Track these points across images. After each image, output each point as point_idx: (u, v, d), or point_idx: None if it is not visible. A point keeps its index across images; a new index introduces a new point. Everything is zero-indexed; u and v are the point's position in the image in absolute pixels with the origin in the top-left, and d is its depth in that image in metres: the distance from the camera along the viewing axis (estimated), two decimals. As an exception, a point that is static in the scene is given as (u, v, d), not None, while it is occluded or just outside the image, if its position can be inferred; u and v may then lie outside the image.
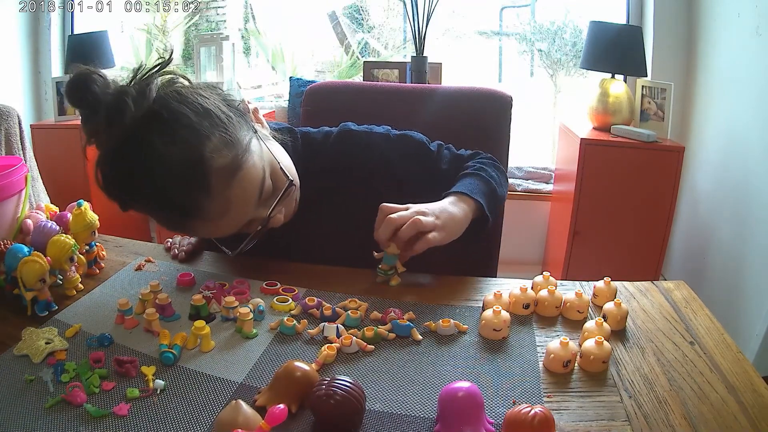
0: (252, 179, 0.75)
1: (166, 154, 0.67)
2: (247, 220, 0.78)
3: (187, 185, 0.69)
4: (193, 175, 0.68)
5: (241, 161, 0.73)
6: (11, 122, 1.90)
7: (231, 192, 0.72)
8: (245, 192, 0.74)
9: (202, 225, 0.74)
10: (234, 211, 0.74)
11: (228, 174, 0.71)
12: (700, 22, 2.22)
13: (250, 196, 0.75)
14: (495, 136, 1.23)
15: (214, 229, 0.76)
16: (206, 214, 0.72)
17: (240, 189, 0.73)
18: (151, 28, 3.17)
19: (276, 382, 0.58)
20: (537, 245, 2.63)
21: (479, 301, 0.79)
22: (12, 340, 0.67)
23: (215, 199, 0.71)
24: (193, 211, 0.71)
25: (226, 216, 0.74)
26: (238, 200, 0.74)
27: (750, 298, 1.81)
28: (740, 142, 1.94)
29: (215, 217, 0.73)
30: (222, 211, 0.73)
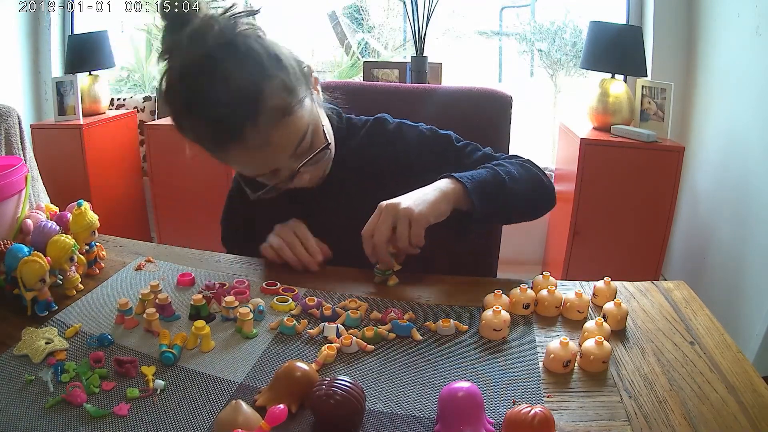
0: (296, 128, 0.81)
1: (231, 79, 0.74)
2: (278, 167, 0.84)
3: (240, 110, 0.75)
4: (248, 103, 0.75)
5: (292, 109, 0.80)
6: (11, 122, 1.90)
7: (274, 132, 0.78)
8: (286, 137, 0.81)
9: (239, 153, 0.80)
10: (271, 150, 0.80)
11: (277, 115, 0.78)
12: (700, 22, 2.22)
13: (289, 142, 0.82)
14: (495, 136, 1.23)
15: (249, 160, 0.82)
16: (246, 143, 0.77)
17: (283, 132, 0.80)
18: (151, 28, 3.16)
19: (276, 382, 0.58)
20: (537, 245, 2.63)
21: (479, 301, 0.79)
22: (12, 340, 0.67)
23: (259, 132, 0.77)
24: (236, 135, 0.76)
25: (262, 151, 0.80)
26: (278, 141, 0.80)
27: (750, 298, 1.81)
28: (740, 142, 1.94)
29: (253, 148, 0.78)
30: (260, 144, 0.78)
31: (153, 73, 3.22)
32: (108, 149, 2.62)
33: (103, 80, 2.68)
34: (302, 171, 0.85)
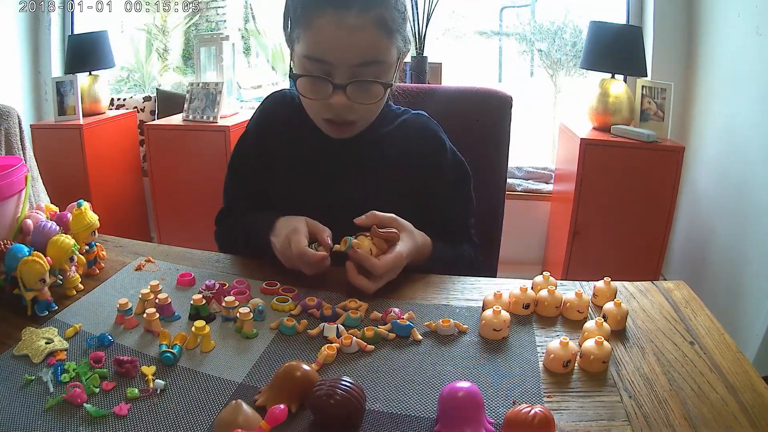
0: (379, 49, 0.84)
1: None
2: (340, 65, 0.83)
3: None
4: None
5: (392, 36, 0.84)
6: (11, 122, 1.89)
7: (370, 31, 0.81)
8: (371, 44, 0.83)
9: (329, 22, 0.80)
10: (352, 39, 0.81)
11: (382, 25, 0.82)
12: (700, 22, 2.22)
13: (368, 48, 0.83)
14: (495, 136, 1.23)
15: (329, 36, 0.81)
16: (347, 15, 0.80)
17: (373, 39, 0.82)
18: (151, 28, 3.17)
19: (276, 382, 0.58)
20: (537, 245, 2.63)
21: (479, 301, 0.79)
22: (12, 340, 0.67)
23: (362, 19, 0.80)
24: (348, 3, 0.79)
25: (347, 33, 0.80)
26: (364, 40, 0.82)
27: (750, 298, 1.81)
28: (740, 142, 1.94)
29: (345, 25, 0.80)
30: (353, 27, 0.80)
31: (153, 73, 3.23)
32: (108, 149, 2.62)
33: (103, 80, 2.68)
34: (349, 90, 0.84)
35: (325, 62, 0.83)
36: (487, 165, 1.23)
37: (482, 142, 1.23)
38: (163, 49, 3.20)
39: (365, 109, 0.89)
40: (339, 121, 0.89)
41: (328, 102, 0.86)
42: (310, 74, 0.85)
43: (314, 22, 0.81)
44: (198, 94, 2.45)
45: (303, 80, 0.86)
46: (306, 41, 0.83)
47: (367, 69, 0.84)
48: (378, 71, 0.86)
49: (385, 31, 0.83)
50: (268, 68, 3.12)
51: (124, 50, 3.11)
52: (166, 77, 3.22)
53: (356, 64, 0.83)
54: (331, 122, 0.89)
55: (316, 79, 0.84)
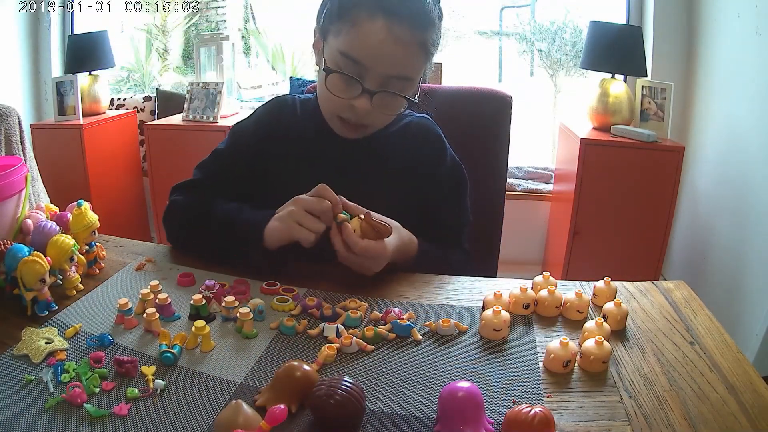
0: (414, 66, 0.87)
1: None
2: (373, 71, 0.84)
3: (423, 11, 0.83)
4: (428, 15, 0.84)
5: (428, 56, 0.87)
6: (11, 122, 1.90)
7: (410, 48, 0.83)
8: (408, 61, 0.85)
9: (380, 28, 0.81)
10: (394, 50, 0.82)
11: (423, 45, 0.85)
12: (700, 22, 2.22)
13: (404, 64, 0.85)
14: (495, 136, 1.23)
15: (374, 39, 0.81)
16: (398, 25, 0.81)
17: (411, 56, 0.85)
18: (151, 28, 3.17)
19: (276, 382, 0.58)
20: (537, 245, 2.63)
21: (479, 301, 0.79)
22: (12, 340, 0.67)
23: (411, 35, 0.82)
24: (404, 15, 0.81)
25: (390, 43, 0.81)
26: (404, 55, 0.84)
27: (750, 298, 1.81)
28: (740, 142, 1.94)
29: (391, 36, 0.81)
30: (398, 38, 0.82)
31: (153, 73, 3.23)
32: (108, 149, 2.62)
33: (103, 80, 2.68)
34: (376, 97, 0.85)
35: (362, 65, 0.83)
36: (487, 165, 1.23)
37: (482, 142, 1.23)
38: (163, 49, 3.20)
39: (382, 117, 0.91)
40: (354, 123, 0.89)
41: (351, 103, 0.86)
42: (345, 72, 0.84)
43: (363, 23, 0.81)
44: (198, 94, 2.45)
45: (334, 76, 0.85)
46: (348, 38, 0.83)
47: (397, 82, 0.86)
48: (406, 86, 0.87)
49: (424, 53, 0.86)
50: (268, 68, 3.12)
51: (124, 50, 3.12)
52: (166, 77, 3.22)
53: (390, 75, 0.85)
54: (345, 122, 0.90)
55: (348, 79, 0.84)
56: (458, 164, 1.02)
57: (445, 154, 1.01)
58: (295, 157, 0.98)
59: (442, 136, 1.03)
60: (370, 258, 0.80)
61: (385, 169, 0.98)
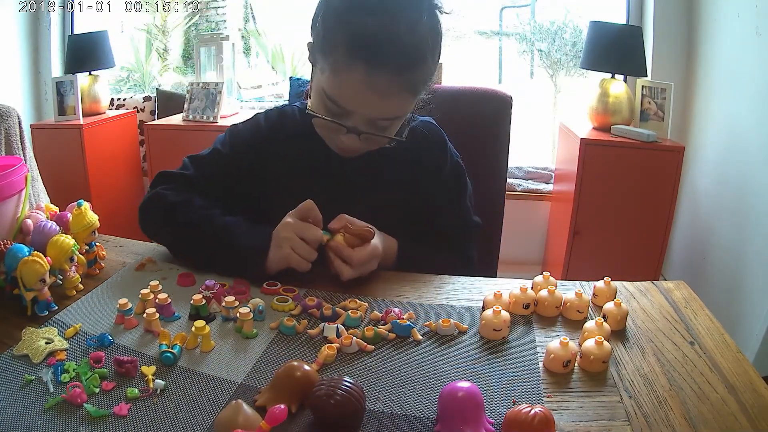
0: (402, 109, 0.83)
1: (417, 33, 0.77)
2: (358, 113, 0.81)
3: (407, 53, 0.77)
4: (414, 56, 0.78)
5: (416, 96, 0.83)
6: (11, 122, 1.90)
7: (396, 95, 0.80)
8: (395, 105, 0.82)
9: (360, 76, 0.77)
10: (376, 98, 0.79)
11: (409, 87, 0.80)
12: (700, 22, 2.22)
13: (389, 110, 0.82)
14: (495, 136, 1.23)
15: (356, 88, 0.78)
16: (378, 75, 0.76)
17: (398, 101, 0.81)
18: (151, 28, 3.17)
19: (276, 382, 0.58)
20: (537, 245, 2.63)
21: (479, 301, 0.79)
22: (12, 340, 0.67)
23: (392, 82, 0.78)
24: (383, 63, 0.76)
25: (372, 92, 0.78)
26: (389, 103, 0.81)
27: (750, 298, 1.81)
28: (740, 142, 1.94)
29: (372, 85, 0.77)
30: (381, 88, 0.78)
31: (153, 73, 3.23)
32: (108, 149, 2.62)
33: (103, 80, 2.68)
34: (362, 136, 0.84)
35: (344, 109, 0.82)
36: (487, 165, 1.23)
37: (482, 142, 1.23)
38: (163, 49, 3.20)
39: (374, 145, 0.90)
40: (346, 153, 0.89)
41: (338, 137, 0.86)
42: (325, 117, 0.83)
43: (342, 71, 0.78)
44: (198, 94, 2.45)
45: (318, 111, 0.84)
46: (329, 83, 0.80)
47: (383, 121, 0.84)
48: (394, 123, 0.86)
49: (412, 93, 0.83)
50: (268, 68, 3.12)
51: (124, 50, 3.12)
52: (166, 77, 3.22)
53: (375, 118, 0.83)
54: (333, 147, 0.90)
55: (335, 117, 0.83)
56: (459, 165, 1.02)
57: (446, 156, 1.00)
58: (294, 164, 0.96)
59: (445, 138, 1.02)
60: (368, 263, 0.82)
61: (387, 175, 0.96)
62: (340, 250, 0.80)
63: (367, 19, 0.75)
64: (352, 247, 0.81)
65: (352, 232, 0.81)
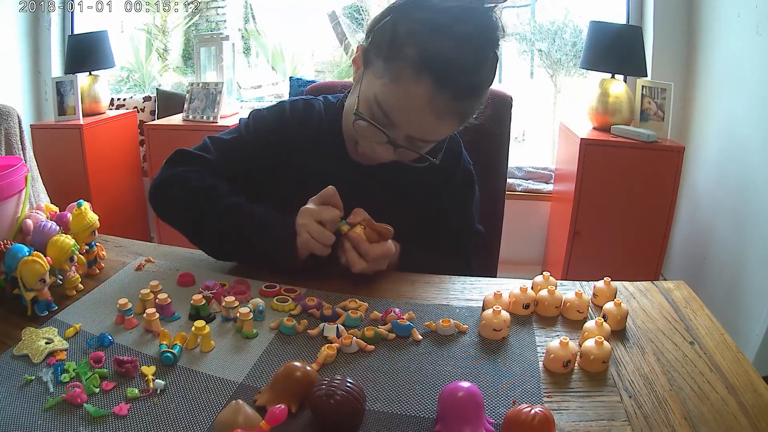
0: (447, 133, 0.86)
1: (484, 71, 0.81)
2: (402, 130, 0.82)
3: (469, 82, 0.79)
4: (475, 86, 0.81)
5: (467, 120, 0.85)
6: (11, 122, 1.89)
7: (447, 119, 0.81)
8: (442, 129, 0.84)
9: (422, 93, 0.77)
10: (427, 118, 0.79)
11: (461, 117, 0.83)
12: (700, 22, 2.22)
13: (436, 132, 0.84)
14: (495, 136, 1.23)
15: (411, 103, 0.78)
16: (438, 96, 0.77)
17: (447, 125, 0.83)
18: (151, 28, 3.17)
19: (276, 382, 0.58)
20: (537, 245, 2.63)
21: (479, 301, 0.79)
22: (12, 340, 0.67)
23: (447, 106, 0.79)
24: (447, 85, 0.76)
25: (425, 111, 0.78)
26: (439, 125, 0.82)
27: (750, 298, 1.81)
28: (740, 142, 1.94)
29: (430, 104, 0.78)
30: (437, 108, 0.78)
31: (153, 73, 3.23)
32: (108, 149, 2.62)
33: (103, 80, 2.68)
34: (398, 150, 0.85)
35: (392, 121, 0.81)
36: (487, 165, 1.23)
37: (482, 142, 1.23)
38: (163, 49, 3.20)
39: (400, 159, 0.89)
40: (370, 158, 0.88)
41: (373, 145, 0.85)
42: (374, 123, 0.82)
43: (406, 81, 0.77)
44: (198, 94, 2.45)
45: (362, 122, 0.83)
46: (387, 90, 0.80)
47: (425, 144, 0.85)
48: (432, 145, 0.86)
49: (461, 121, 0.84)
50: (268, 68, 3.12)
51: (124, 50, 3.12)
52: (166, 77, 3.22)
53: (419, 138, 0.83)
54: (363, 154, 0.89)
55: (376, 128, 0.82)
56: (471, 172, 1.02)
57: (460, 158, 1.00)
58: (312, 159, 0.95)
59: (461, 144, 1.01)
60: (381, 261, 0.83)
61: (401, 178, 0.95)
62: (358, 242, 0.80)
63: (444, 40, 0.76)
64: (370, 242, 0.81)
65: (373, 227, 0.82)
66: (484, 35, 0.78)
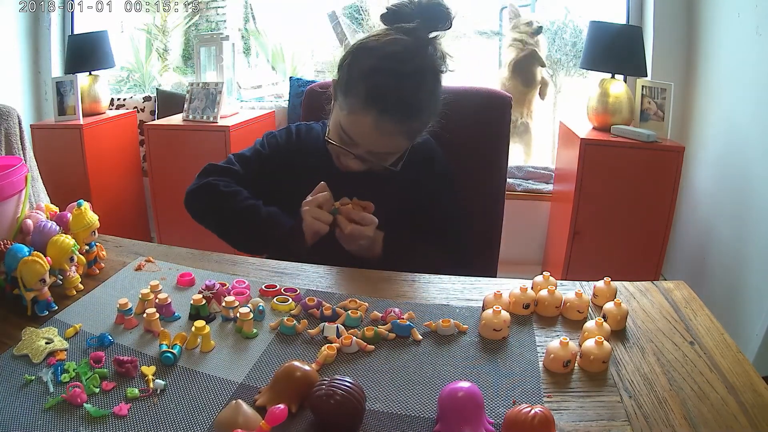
0: (400, 147, 1.00)
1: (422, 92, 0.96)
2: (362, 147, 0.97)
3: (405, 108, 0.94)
4: (410, 109, 0.95)
5: (414, 139, 1.01)
6: (11, 122, 1.89)
7: (395, 137, 0.96)
8: (393, 143, 0.98)
9: (368, 120, 0.93)
10: (375, 136, 0.95)
11: (409, 134, 0.98)
12: (700, 22, 2.22)
13: (388, 146, 0.98)
14: (495, 136, 1.23)
15: (370, 129, 0.94)
16: (383, 119, 0.93)
17: (396, 140, 0.98)
18: (151, 28, 3.17)
19: (276, 382, 0.58)
20: (537, 245, 2.63)
21: (479, 301, 0.79)
22: (12, 340, 0.68)
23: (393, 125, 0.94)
24: (387, 111, 0.92)
25: (374, 131, 0.94)
26: (388, 141, 0.97)
27: (750, 298, 1.81)
28: (740, 142, 1.94)
29: (376, 126, 0.93)
30: (383, 130, 0.94)
31: (153, 73, 3.23)
32: (108, 149, 2.62)
33: (103, 80, 2.68)
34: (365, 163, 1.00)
35: (354, 141, 0.98)
36: (487, 165, 1.24)
37: (482, 142, 1.23)
38: (163, 49, 3.20)
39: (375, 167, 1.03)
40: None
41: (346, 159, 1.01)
42: (339, 145, 1.00)
43: (357, 113, 0.95)
44: (198, 94, 2.45)
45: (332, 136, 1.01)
46: (346, 119, 0.97)
47: (385, 155, 1.00)
48: (394, 156, 1.02)
49: (410, 138, 1.00)
50: (268, 68, 3.12)
51: (124, 50, 3.12)
52: (166, 77, 3.22)
53: (378, 152, 0.99)
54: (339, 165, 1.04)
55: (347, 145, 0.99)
56: (445, 168, 1.13)
57: (434, 155, 1.11)
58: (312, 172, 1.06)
59: (433, 142, 1.12)
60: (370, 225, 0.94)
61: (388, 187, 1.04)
62: (348, 211, 0.94)
63: (385, 79, 0.92)
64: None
65: (358, 204, 0.96)
66: (423, 68, 0.95)
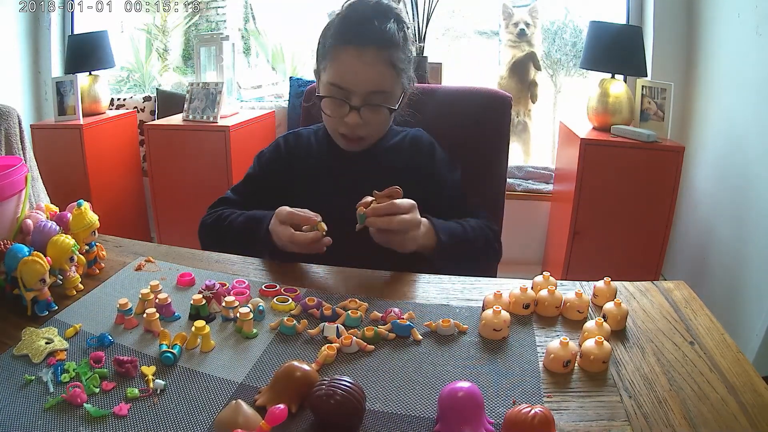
0: (387, 81, 1.01)
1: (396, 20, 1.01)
2: (355, 92, 0.99)
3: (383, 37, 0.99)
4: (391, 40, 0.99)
5: (398, 73, 1.02)
6: (11, 122, 1.89)
7: (379, 65, 0.99)
8: (381, 76, 1.00)
9: (351, 54, 0.98)
10: (366, 70, 0.98)
11: (389, 62, 1.00)
12: (700, 22, 2.22)
13: (377, 80, 1.00)
14: (495, 136, 1.23)
15: (348, 65, 0.98)
16: (365, 51, 0.97)
17: (382, 71, 1.00)
18: (151, 28, 3.17)
19: (276, 382, 0.58)
20: (537, 245, 2.63)
21: (479, 301, 0.79)
22: (12, 340, 0.68)
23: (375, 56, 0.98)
24: (366, 42, 0.97)
25: (361, 66, 0.98)
26: (376, 73, 0.99)
27: (750, 298, 1.81)
28: (740, 142, 1.94)
29: (361, 58, 0.97)
30: (368, 62, 0.98)
31: (153, 73, 3.23)
32: (108, 149, 2.62)
33: (103, 80, 2.68)
34: (362, 111, 1.00)
35: (344, 89, 1.00)
36: (487, 165, 1.23)
37: (482, 142, 1.23)
38: (163, 49, 3.20)
39: (373, 128, 1.05)
40: (351, 136, 1.04)
41: (344, 120, 1.01)
42: (333, 96, 1.02)
43: (338, 55, 0.99)
44: (198, 94, 2.45)
45: (326, 101, 1.03)
46: (331, 71, 1.01)
47: (376, 96, 1.01)
48: (386, 99, 1.02)
49: (393, 69, 1.01)
50: (268, 68, 3.12)
51: (124, 50, 3.11)
52: (166, 77, 3.22)
53: (369, 91, 1.00)
54: (345, 136, 1.05)
55: (337, 101, 1.01)
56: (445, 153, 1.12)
57: (434, 152, 1.11)
58: (312, 174, 1.11)
59: (433, 140, 1.13)
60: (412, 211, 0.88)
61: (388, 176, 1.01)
62: (377, 209, 0.86)
63: (354, 14, 0.99)
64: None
65: (382, 195, 0.87)
66: (383, 6, 1.01)
